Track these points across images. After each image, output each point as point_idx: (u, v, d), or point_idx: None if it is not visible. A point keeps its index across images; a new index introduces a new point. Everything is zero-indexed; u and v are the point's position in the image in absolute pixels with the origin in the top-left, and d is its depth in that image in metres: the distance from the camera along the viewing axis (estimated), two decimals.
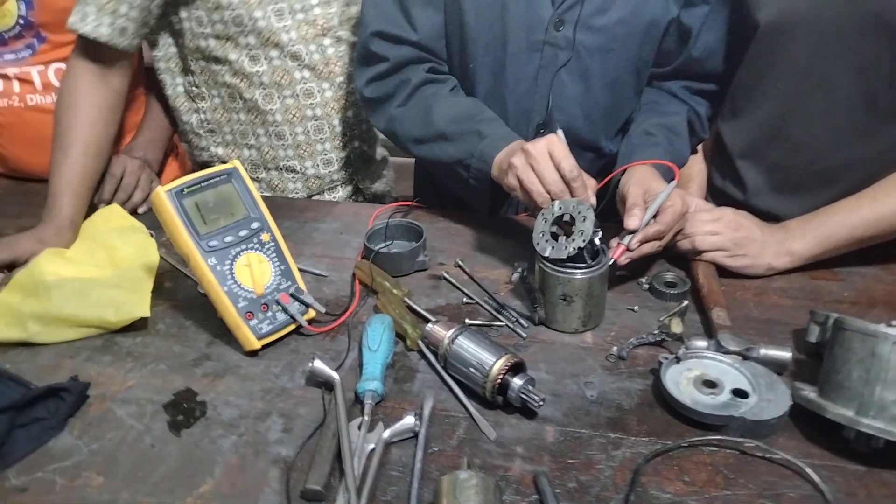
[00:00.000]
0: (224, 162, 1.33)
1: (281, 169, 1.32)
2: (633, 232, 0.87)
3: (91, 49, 1.09)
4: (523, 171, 0.88)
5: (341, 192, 1.40)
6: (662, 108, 1.12)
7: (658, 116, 1.09)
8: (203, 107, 1.28)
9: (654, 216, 0.89)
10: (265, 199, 0.91)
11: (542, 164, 0.86)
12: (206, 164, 1.35)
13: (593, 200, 0.87)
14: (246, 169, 1.31)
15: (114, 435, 0.72)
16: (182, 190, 0.82)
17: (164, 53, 1.25)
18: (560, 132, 0.91)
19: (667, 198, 0.89)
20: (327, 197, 1.39)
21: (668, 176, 0.99)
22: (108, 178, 1.15)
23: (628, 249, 0.87)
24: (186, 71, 1.25)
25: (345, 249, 1.07)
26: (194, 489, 0.65)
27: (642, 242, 0.88)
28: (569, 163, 0.86)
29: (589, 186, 0.88)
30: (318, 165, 1.33)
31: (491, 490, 0.59)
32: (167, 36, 1.23)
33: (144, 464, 0.68)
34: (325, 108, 1.28)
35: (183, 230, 0.81)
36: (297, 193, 1.35)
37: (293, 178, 1.33)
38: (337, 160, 1.34)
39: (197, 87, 1.26)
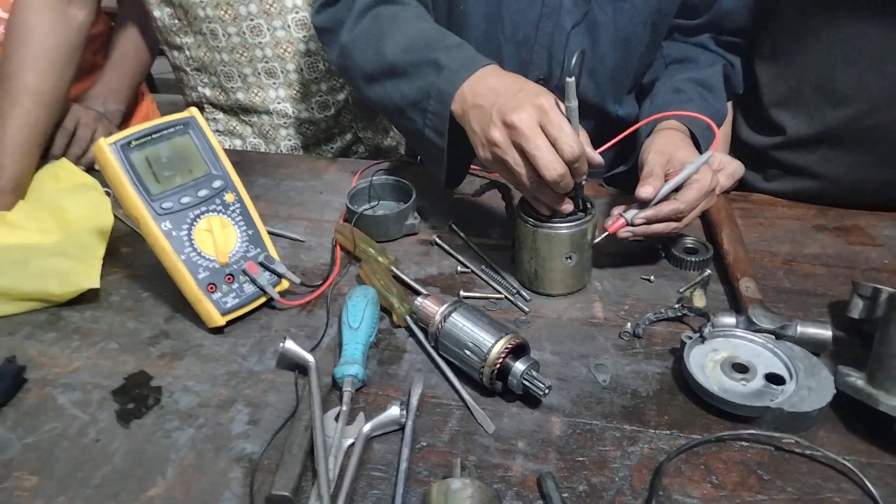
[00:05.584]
0: (214, 105, 1.22)
1: (272, 113, 1.20)
2: (645, 204, 0.75)
3: None
4: (507, 150, 0.68)
5: (339, 142, 1.28)
6: (693, 61, 0.97)
7: (688, 71, 0.95)
8: (187, 42, 1.15)
9: (676, 190, 0.76)
10: (235, 153, 0.79)
11: (532, 142, 0.66)
12: (198, 106, 1.24)
13: (597, 159, 0.70)
14: (236, 113, 1.19)
15: (53, 427, 0.63)
16: (129, 142, 0.70)
17: None
18: (571, 80, 0.68)
19: (695, 170, 0.75)
20: (324, 147, 1.26)
21: (702, 144, 0.85)
22: (59, 132, 1.03)
23: (630, 224, 0.74)
24: (168, 1, 1.13)
25: (325, 211, 0.97)
26: (142, 492, 0.56)
27: (652, 221, 0.75)
28: (566, 141, 0.65)
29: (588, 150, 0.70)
30: (312, 109, 1.21)
31: (488, 501, 0.50)
32: None
33: (87, 461, 0.59)
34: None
35: (131, 189, 0.70)
36: (289, 141, 1.23)
37: (285, 122, 1.21)
38: (334, 103, 1.22)
39: (179, 19, 1.13)
